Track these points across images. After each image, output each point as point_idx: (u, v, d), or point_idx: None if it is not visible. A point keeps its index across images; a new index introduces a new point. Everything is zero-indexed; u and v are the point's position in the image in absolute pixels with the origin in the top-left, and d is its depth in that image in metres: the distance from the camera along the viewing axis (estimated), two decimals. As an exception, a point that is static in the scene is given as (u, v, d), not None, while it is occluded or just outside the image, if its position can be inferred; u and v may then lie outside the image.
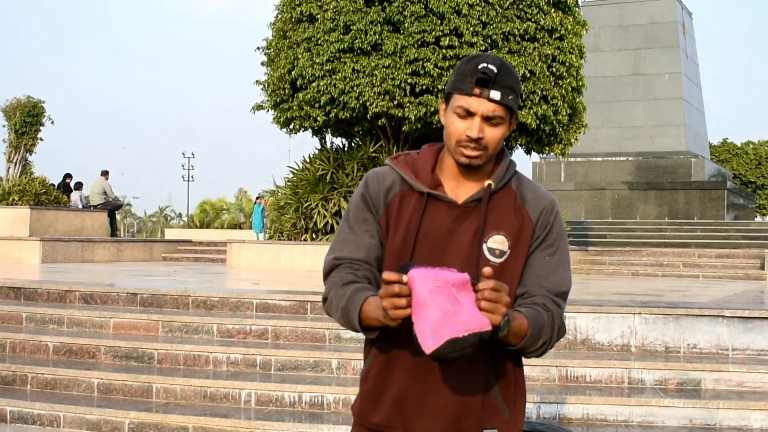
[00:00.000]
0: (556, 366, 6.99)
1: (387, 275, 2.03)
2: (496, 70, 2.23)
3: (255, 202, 33.23)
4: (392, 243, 2.36)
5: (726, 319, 7.31)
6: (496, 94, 2.23)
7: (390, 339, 2.32)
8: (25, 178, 21.77)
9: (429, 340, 1.99)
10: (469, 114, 2.26)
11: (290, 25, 16.26)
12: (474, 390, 2.32)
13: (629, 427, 6.42)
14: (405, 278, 2.02)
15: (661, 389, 6.81)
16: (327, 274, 2.41)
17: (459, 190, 2.37)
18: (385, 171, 2.44)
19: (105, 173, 23.52)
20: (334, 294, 2.32)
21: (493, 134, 2.29)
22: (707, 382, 6.87)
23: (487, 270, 2.04)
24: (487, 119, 2.26)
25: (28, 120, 23.37)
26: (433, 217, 2.33)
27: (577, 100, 16.78)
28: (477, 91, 2.23)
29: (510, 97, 2.27)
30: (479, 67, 2.23)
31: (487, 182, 2.35)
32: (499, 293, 2.02)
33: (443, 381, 2.30)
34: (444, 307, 1.98)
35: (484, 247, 2.31)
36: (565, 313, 2.44)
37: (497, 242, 2.33)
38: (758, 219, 36.69)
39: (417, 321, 2.00)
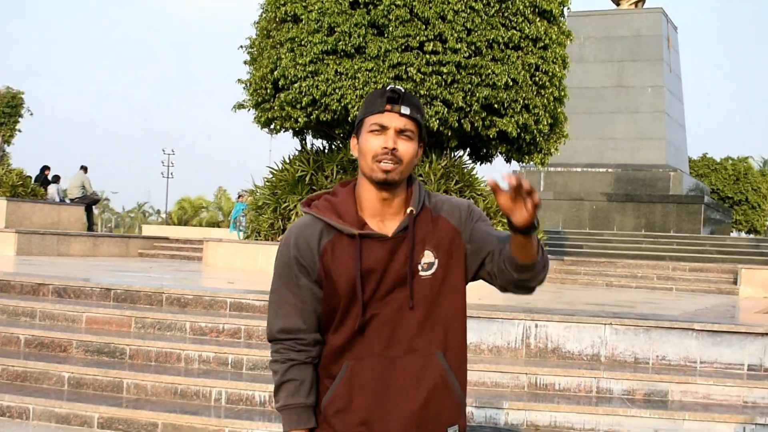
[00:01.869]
0: (526, 374, 7.07)
1: None
2: (403, 91, 2.50)
3: (237, 200, 32.89)
4: (337, 288, 2.52)
5: (695, 332, 7.41)
6: (405, 109, 2.47)
7: (353, 368, 2.54)
8: (2, 169, 21.68)
9: None
10: (382, 128, 2.47)
11: (274, 25, 16.28)
12: (435, 391, 2.52)
13: (596, 435, 6.51)
14: None
15: (629, 399, 6.90)
16: (272, 341, 2.63)
17: (384, 224, 2.55)
18: (307, 222, 2.59)
19: (84, 168, 23.45)
20: (281, 387, 2.59)
21: (406, 148, 2.49)
22: (674, 393, 6.97)
23: (511, 178, 2.25)
24: (400, 133, 2.47)
25: (7, 111, 23.32)
26: (370, 254, 2.51)
27: (559, 110, 16.88)
28: (388, 107, 2.47)
29: (418, 115, 2.51)
30: (387, 88, 2.48)
31: (409, 209, 2.54)
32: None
33: (405, 394, 2.50)
34: None
35: (418, 266, 2.53)
36: (538, 322, 2.64)
37: (425, 257, 2.53)
38: (734, 234, 36.99)
39: None
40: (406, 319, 2.50)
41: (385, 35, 15.07)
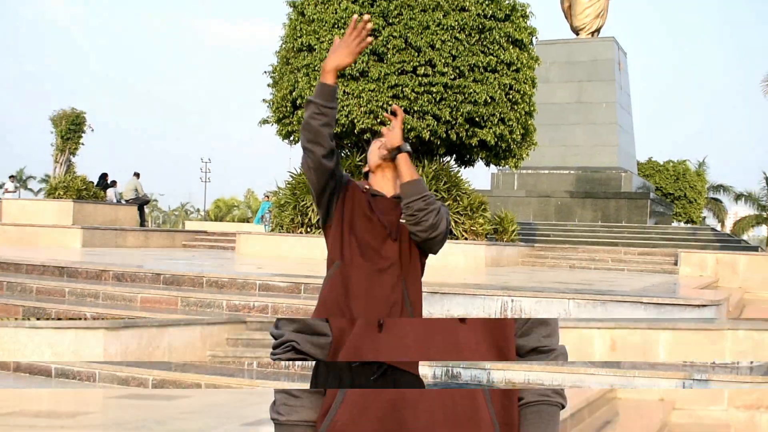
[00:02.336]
0: (504, 340, 7.08)
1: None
2: None
3: (263, 200, 32.25)
4: (351, 210, 3.00)
5: (643, 304, 7.44)
6: None
7: (342, 268, 2.95)
8: (69, 176, 21.70)
9: None
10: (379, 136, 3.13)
11: (292, 54, 16.29)
12: (395, 306, 2.90)
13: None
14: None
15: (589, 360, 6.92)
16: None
17: (385, 192, 3.11)
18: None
19: (137, 174, 23.43)
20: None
21: None
22: (626, 355, 6.99)
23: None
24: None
25: (72, 128, 23.31)
26: (377, 203, 3.06)
27: (529, 122, 16.89)
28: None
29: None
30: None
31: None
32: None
33: (383, 290, 2.90)
34: None
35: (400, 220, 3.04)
36: (513, 297, 2.63)
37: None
38: (675, 224, 36.92)
39: None
40: (385, 249, 2.94)
41: (384, 61, 15.08)
